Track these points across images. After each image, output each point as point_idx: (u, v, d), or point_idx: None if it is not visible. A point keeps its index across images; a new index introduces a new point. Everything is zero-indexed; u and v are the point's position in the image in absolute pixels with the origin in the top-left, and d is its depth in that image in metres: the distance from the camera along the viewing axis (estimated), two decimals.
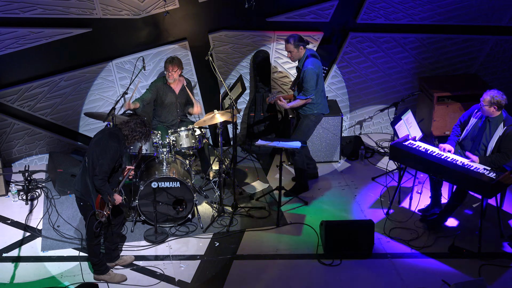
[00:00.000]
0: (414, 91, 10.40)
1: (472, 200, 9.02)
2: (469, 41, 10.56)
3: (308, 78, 8.75)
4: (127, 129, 7.27)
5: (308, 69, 8.72)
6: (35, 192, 9.27)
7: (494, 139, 8.10)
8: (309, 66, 8.73)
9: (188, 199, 8.49)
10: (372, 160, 10.24)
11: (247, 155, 10.29)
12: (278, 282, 7.72)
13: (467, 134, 8.37)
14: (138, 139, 7.33)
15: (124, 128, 7.27)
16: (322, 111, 9.08)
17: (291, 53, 8.87)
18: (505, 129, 8.03)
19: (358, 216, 8.90)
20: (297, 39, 8.78)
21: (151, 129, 7.45)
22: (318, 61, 8.87)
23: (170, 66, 9.00)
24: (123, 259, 7.95)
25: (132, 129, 7.26)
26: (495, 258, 8.05)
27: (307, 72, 8.74)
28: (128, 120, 7.34)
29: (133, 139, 7.29)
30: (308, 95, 8.81)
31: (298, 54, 8.85)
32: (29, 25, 9.07)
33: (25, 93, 9.44)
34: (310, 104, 8.94)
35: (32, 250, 8.26)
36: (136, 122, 7.31)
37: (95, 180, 7.10)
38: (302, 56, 8.87)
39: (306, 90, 8.81)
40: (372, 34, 10.27)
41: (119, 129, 7.29)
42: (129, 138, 7.28)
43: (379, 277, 7.79)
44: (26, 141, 9.81)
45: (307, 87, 8.79)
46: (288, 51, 8.87)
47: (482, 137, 8.20)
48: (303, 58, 8.86)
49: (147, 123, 7.39)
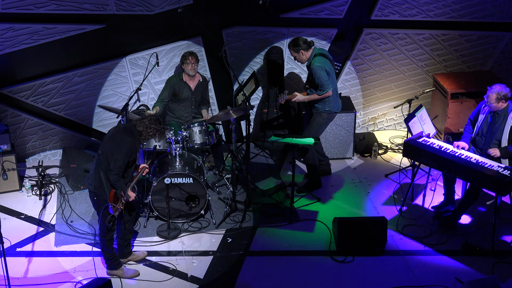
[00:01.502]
0: (428, 87, 10.35)
1: (486, 198, 8.98)
2: (483, 38, 10.50)
3: (318, 73, 8.79)
4: (142, 126, 7.28)
5: (314, 66, 8.82)
6: (48, 187, 9.31)
7: (507, 131, 8.07)
8: (315, 64, 8.83)
9: (201, 195, 8.49)
10: (385, 157, 10.21)
11: (260, 151, 10.28)
12: (290, 279, 7.71)
13: (477, 131, 8.35)
14: (152, 136, 7.34)
15: (139, 125, 7.29)
16: (335, 109, 9.07)
17: (295, 58, 9.02)
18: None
19: (371, 213, 8.88)
20: (295, 44, 8.86)
21: (165, 126, 7.45)
22: (325, 59, 8.93)
23: (190, 56, 9.01)
24: (135, 255, 7.96)
25: (146, 126, 7.28)
26: (508, 256, 8.01)
27: (314, 69, 8.82)
28: (143, 117, 7.36)
29: (147, 135, 7.30)
30: (325, 89, 8.83)
31: (301, 57, 8.94)
32: (43, 21, 9.09)
33: (39, 88, 9.47)
34: (322, 101, 8.93)
35: (45, 245, 8.29)
36: (151, 119, 7.32)
37: (110, 175, 7.12)
38: (309, 57, 8.91)
39: (321, 85, 8.83)
40: (386, 30, 10.23)
41: (134, 125, 7.30)
42: (143, 135, 7.29)
43: (392, 274, 7.77)
44: (40, 136, 9.84)
45: (322, 82, 8.81)
46: (292, 56, 8.99)
47: (493, 132, 8.17)
48: (310, 58, 8.90)
49: (162, 120, 7.40)
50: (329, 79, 8.85)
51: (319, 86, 8.86)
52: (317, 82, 8.84)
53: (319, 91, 8.88)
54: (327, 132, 9.62)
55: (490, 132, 8.20)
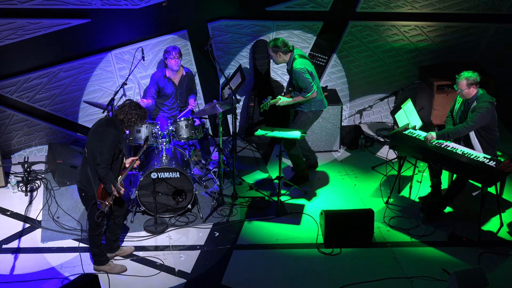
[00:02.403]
0: (414, 80, 10.37)
1: (472, 188, 9.01)
2: (469, 29, 10.52)
3: (301, 77, 8.78)
4: (122, 114, 7.26)
5: (297, 69, 8.77)
6: (34, 183, 9.28)
7: None
8: (297, 66, 8.78)
9: (187, 189, 8.49)
10: (372, 149, 10.23)
11: (246, 145, 10.28)
12: (278, 272, 7.72)
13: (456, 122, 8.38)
14: (134, 122, 7.30)
15: (119, 113, 7.27)
16: (320, 108, 9.07)
17: (272, 58, 8.95)
18: (476, 104, 8.05)
19: (358, 205, 8.89)
20: (275, 45, 8.80)
21: (146, 111, 7.42)
22: (305, 60, 8.90)
23: (173, 51, 8.97)
24: (123, 250, 7.95)
25: (127, 113, 7.25)
26: (494, 246, 8.05)
27: (297, 73, 8.78)
28: (122, 105, 7.34)
29: (129, 121, 7.27)
30: (310, 91, 8.82)
31: (277, 59, 8.88)
32: (27, 16, 9.05)
33: (24, 84, 9.43)
34: (308, 102, 8.92)
35: (31, 241, 8.26)
36: (130, 105, 7.31)
37: (98, 169, 7.10)
38: (288, 60, 8.88)
39: (305, 88, 8.83)
40: (372, 22, 10.24)
41: (115, 116, 7.29)
42: (125, 122, 7.27)
43: (379, 266, 7.79)
44: (25, 132, 9.80)
45: (306, 85, 8.81)
46: (269, 54, 8.95)
47: (464, 118, 8.20)
48: (290, 61, 8.87)
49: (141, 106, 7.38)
50: (312, 80, 8.84)
51: (303, 88, 8.85)
52: (301, 85, 8.83)
53: (304, 93, 8.86)
54: (314, 125, 9.61)
55: (463, 117, 8.23)
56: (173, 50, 9.00)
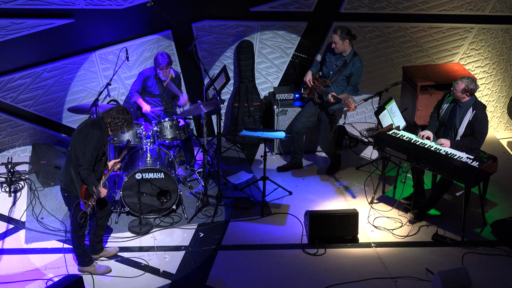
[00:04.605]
0: (398, 80, 10.41)
1: (456, 189, 9.06)
2: (452, 30, 10.57)
3: (360, 73, 8.91)
4: (109, 117, 7.25)
5: (360, 66, 8.90)
6: (18, 184, 9.23)
7: (464, 124, 8.15)
8: (361, 63, 8.92)
9: (172, 190, 8.48)
10: (356, 150, 10.27)
11: (231, 145, 10.28)
12: (263, 272, 7.73)
13: (442, 120, 8.41)
14: (120, 127, 7.30)
15: (106, 116, 7.26)
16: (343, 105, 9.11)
17: (335, 44, 8.90)
18: (474, 113, 8.08)
19: (343, 205, 8.91)
20: (345, 32, 8.82)
21: (133, 116, 7.42)
22: None
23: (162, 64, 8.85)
24: (107, 251, 7.93)
25: (114, 117, 7.25)
26: (478, 246, 8.10)
27: (358, 69, 8.90)
28: (110, 108, 7.33)
29: (115, 126, 7.27)
30: (358, 89, 9.00)
31: (342, 46, 8.89)
32: (10, 16, 8.99)
33: (7, 84, 9.38)
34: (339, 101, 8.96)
35: (15, 242, 8.22)
36: (118, 109, 7.30)
37: (81, 170, 7.08)
38: (348, 51, 8.92)
39: (356, 84, 8.96)
40: (356, 23, 10.26)
41: (102, 118, 7.27)
42: (111, 125, 7.26)
43: (363, 266, 7.82)
44: (9, 132, 9.74)
45: (357, 82, 8.96)
46: (334, 41, 8.91)
47: (452, 122, 8.25)
48: (351, 53, 8.92)
49: (129, 111, 7.37)
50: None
51: (352, 84, 8.94)
52: (354, 80, 8.92)
53: (352, 91, 8.94)
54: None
55: (450, 121, 8.28)
56: (162, 62, 8.83)
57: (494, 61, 10.86)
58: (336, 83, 9.03)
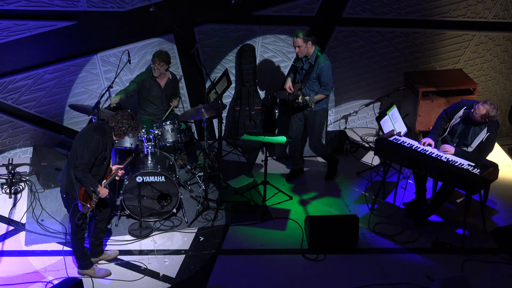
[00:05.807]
0: (399, 86, 10.41)
1: (456, 196, 9.06)
2: (454, 36, 10.58)
3: (328, 72, 8.81)
4: (114, 121, 7.23)
5: (325, 65, 8.79)
6: (18, 186, 9.22)
7: (477, 141, 8.12)
8: (326, 62, 8.80)
9: (173, 194, 8.47)
10: (357, 155, 10.26)
11: (232, 149, 10.28)
12: (262, 277, 7.73)
13: (450, 130, 8.38)
14: (125, 131, 7.27)
15: (111, 120, 7.24)
16: (327, 105, 9.10)
17: (299, 48, 8.81)
18: (488, 135, 8.06)
19: (343, 211, 8.91)
20: (305, 33, 8.76)
21: (138, 122, 7.40)
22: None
23: (157, 60, 8.99)
24: (107, 254, 7.92)
25: (118, 121, 7.22)
26: (478, 254, 8.10)
27: (325, 68, 8.79)
28: (116, 113, 7.32)
29: (119, 130, 7.24)
30: (330, 88, 8.89)
31: (306, 49, 8.81)
32: (13, 18, 8.99)
33: (8, 85, 9.37)
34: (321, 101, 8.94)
35: (15, 244, 8.21)
36: (123, 114, 7.27)
37: (76, 172, 7.06)
38: (312, 52, 8.86)
39: (326, 85, 8.85)
40: (358, 28, 10.27)
41: (106, 122, 7.26)
42: (115, 130, 7.23)
43: (363, 272, 7.81)
44: (10, 134, 9.74)
45: (328, 81, 8.84)
46: (297, 45, 8.82)
47: (465, 137, 8.22)
48: (314, 54, 8.85)
49: (135, 116, 7.36)
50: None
51: (323, 85, 8.86)
52: (324, 80, 8.82)
53: (325, 91, 8.88)
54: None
55: (463, 134, 8.24)
56: (156, 57, 9.04)
57: (496, 68, 10.87)
58: (308, 86, 8.99)
